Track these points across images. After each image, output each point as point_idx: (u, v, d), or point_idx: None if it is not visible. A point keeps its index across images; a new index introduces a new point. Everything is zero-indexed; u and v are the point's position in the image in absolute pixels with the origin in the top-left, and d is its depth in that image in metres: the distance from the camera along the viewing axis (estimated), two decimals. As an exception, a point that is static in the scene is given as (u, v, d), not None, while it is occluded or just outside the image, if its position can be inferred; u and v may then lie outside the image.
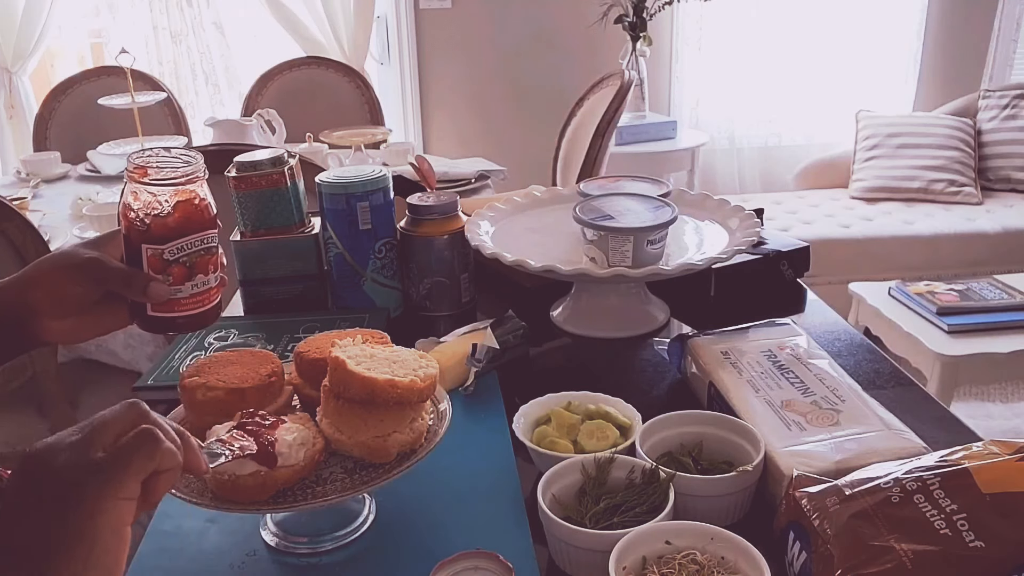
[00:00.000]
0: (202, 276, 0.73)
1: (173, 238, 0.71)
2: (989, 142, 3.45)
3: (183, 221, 0.71)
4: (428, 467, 0.73)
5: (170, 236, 0.71)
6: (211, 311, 0.76)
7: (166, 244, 0.71)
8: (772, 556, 0.62)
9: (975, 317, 2.31)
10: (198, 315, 0.75)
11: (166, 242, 0.71)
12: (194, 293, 0.73)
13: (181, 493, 0.67)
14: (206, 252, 0.73)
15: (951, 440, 0.75)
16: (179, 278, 0.72)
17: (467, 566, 0.64)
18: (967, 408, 2.67)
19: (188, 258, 0.72)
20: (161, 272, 0.72)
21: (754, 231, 1.07)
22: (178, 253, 0.71)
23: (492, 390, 0.96)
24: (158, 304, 0.72)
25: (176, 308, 0.73)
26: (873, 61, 3.78)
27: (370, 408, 0.69)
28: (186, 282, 0.72)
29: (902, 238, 3.11)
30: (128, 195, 0.71)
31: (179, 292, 0.72)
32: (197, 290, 0.73)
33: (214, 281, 0.75)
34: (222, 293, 0.78)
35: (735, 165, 3.85)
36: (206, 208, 0.73)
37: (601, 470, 0.73)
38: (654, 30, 3.48)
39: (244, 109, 3.23)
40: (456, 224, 1.15)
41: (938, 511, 0.58)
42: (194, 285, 0.73)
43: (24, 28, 3.36)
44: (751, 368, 0.87)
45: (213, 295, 0.75)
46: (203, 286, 0.74)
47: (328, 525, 0.74)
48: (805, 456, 0.72)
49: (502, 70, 3.68)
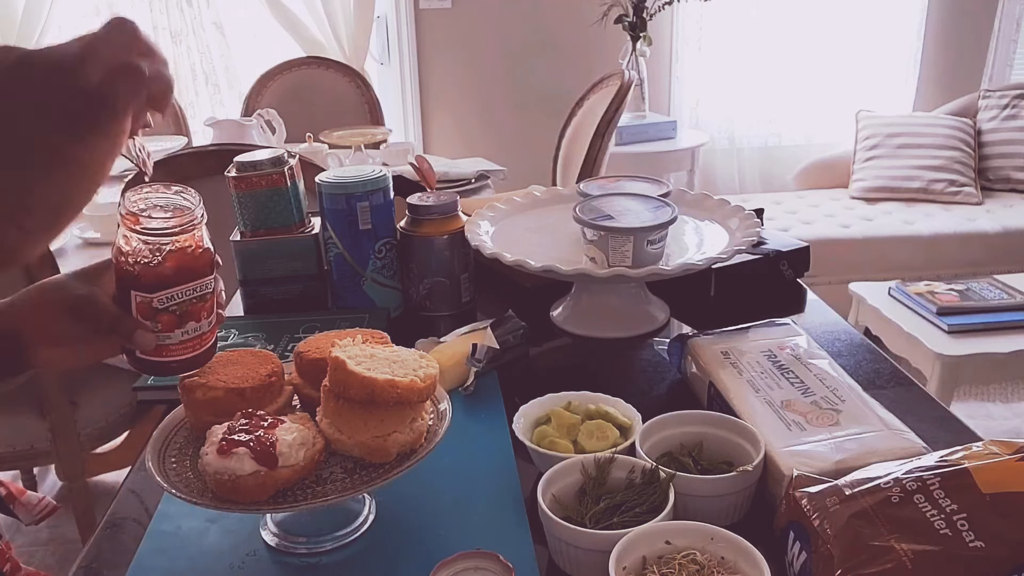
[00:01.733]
0: (193, 323, 0.71)
1: (162, 288, 0.68)
2: (989, 142, 3.45)
3: (174, 271, 0.68)
4: (428, 467, 0.73)
5: (159, 286, 0.68)
6: (203, 355, 0.73)
7: (155, 293, 0.68)
8: (772, 556, 0.62)
9: (975, 317, 2.31)
10: (188, 360, 0.72)
11: (155, 291, 0.68)
12: (184, 340, 0.71)
13: (181, 493, 0.67)
14: (199, 300, 0.70)
15: (951, 440, 0.75)
16: (168, 326, 0.70)
17: (467, 566, 0.64)
18: (967, 408, 2.67)
19: (179, 307, 0.69)
20: (150, 319, 0.69)
21: (754, 231, 1.07)
22: (168, 303, 0.69)
23: (492, 390, 0.96)
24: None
25: (165, 354, 0.71)
26: (873, 61, 3.78)
27: (370, 408, 0.69)
28: (176, 329, 0.70)
29: (902, 238, 3.11)
30: (120, 238, 0.68)
31: (168, 339, 0.70)
32: (187, 337, 0.71)
33: (207, 326, 0.72)
34: (217, 334, 0.76)
35: (735, 165, 3.85)
36: (200, 256, 0.70)
37: (601, 470, 0.73)
38: (654, 30, 3.48)
39: (244, 109, 3.23)
40: (456, 224, 1.15)
41: (938, 511, 0.58)
42: (184, 332, 0.70)
43: (24, 28, 3.36)
44: (751, 368, 0.87)
45: (206, 339, 0.73)
46: (194, 332, 0.71)
47: (328, 525, 0.74)
48: (805, 456, 0.72)
49: (502, 70, 3.68)
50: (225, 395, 0.73)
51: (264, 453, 0.65)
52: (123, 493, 0.84)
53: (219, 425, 0.69)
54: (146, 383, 0.98)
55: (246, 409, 0.71)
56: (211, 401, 0.73)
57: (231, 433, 0.67)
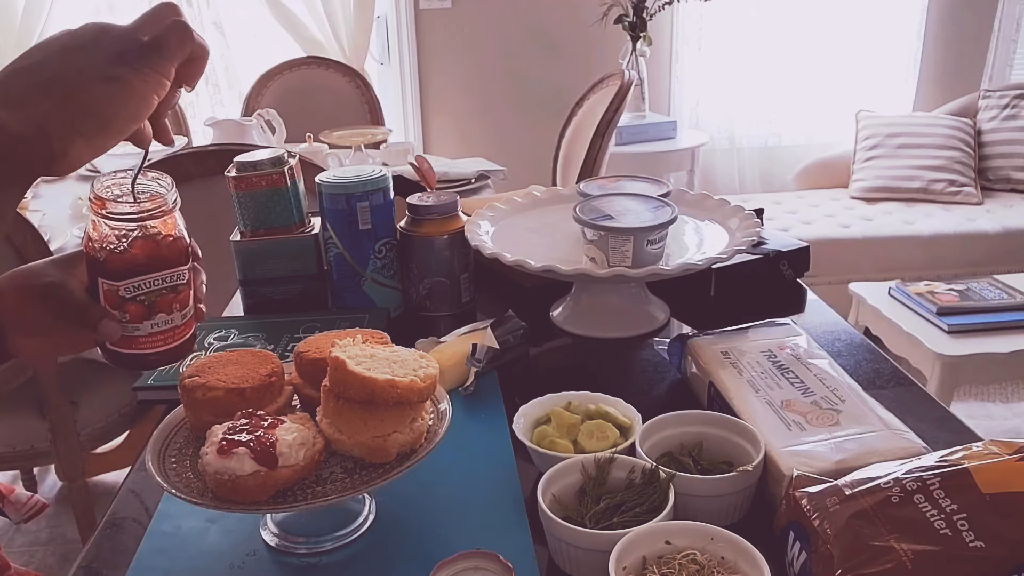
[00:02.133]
0: (164, 315, 0.68)
1: (129, 276, 0.66)
2: (989, 142, 3.45)
3: (142, 259, 0.66)
4: (428, 467, 0.73)
5: (126, 273, 0.66)
6: (176, 350, 0.71)
7: (121, 281, 0.66)
8: (772, 556, 0.62)
9: (975, 317, 2.31)
10: (159, 354, 0.70)
11: (121, 279, 0.66)
12: (153, 332, 0.68)
13: (181, 493, 0.67)
14: (169, 291, 0.68)
15: (951, 440, 0.75)
16: (136, 316, 0.67)
17: (467, 566, 0.64)
18: (967, 408, 2.67)
19: (147, 297, 0.67)
20: (117, 308, 0.67)
21: (754, 231, 1.07)
22: (135, 292, 0.67)
23: (492, 390, 0.96)
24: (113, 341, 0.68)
25: (134, 346, 0.68)
26: (873, 61, 3.78)
27: (370, 408, 0.69)
28: (144, 320, 0.68)
29: (902, 238, 3.11)
30: (90, 224, 0.67)
31: (136, 330, 0.68)
32: (157, 329, 0.68)
33: (180, 319, 0.70)
34: (194, 328, 0.73)
35: (735, 165, 3.85)
36: (171, 244, 0.68)
37: (601, 470, 0.73)
38: (654, 30, 3.48)
39: (244, 109, 3.23)
40: (456, 224, 1.15)
41: (938, 511, 0.58)
42: (154, 324, 0.68)
43: (24, 28, 3.36)
44: (751, 368, 0.87)
45: (179, 333, 0.70)
46: (165, 325, 0.69)
47: (328, 525, 0.74)
48: (805, 456, 0.72)
49: (502, 70, 3.68)
50: (225, 395, 0.73)
51: (264, 453, 0.65)
52: (123, 493, 0.84)
53: (219, 425, 0.69)
54: (146, 383, 0.98)
55: (246, 409, 0.71)
56: (211, 401, 0.73)
57: (231, 433, 0.67)
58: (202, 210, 1.78)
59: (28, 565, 2.17)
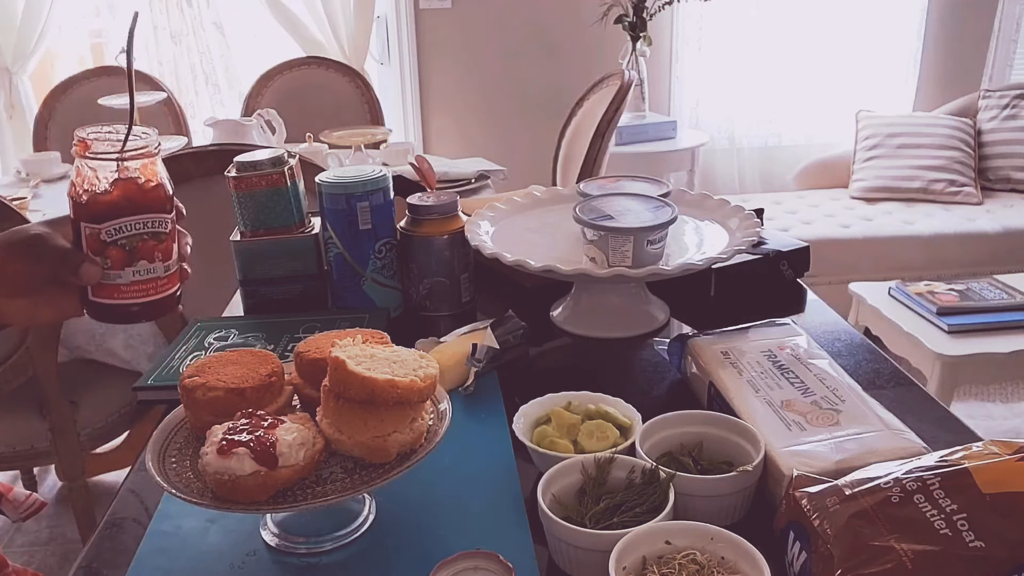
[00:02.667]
0: (145, 263, 0.69)
1: (110, 217, 0.67)
2: (989, 142, 3.45)
3: (122, 200, 0.67)
4: (428, 467, 0.73)
5: (107, 215, 0.67)
6: (160, 303, 0.71)
7: (102, 224, 0.67)
8: (772, 556, 0.62)
9: (975, 317, 2.31)
10: (144, 305, 0.70)
11: (103, 221, 0.67)
12: (136, 281, 0.69)
13: (181, 493, 0.67)
14: (151, 237, 0.69)
15: (951, 440, 0.75)
16: (118, 262, 0.68)
17: (467, 566, 0.64)
18: (967, 408, 2.67)
19: (128, 241, 0.68)
20: (99, 254, 0.68)
21: (754, 231, 1.07)
22: (116, 235, 0.68)
23: (492, 390, 0.96)
24: (98, 288, 0.69)
25: (116, 295, 0.69)
26: (873, 61, 3.78)
27: (370, 408, 0.69)
28: (126, 267, 0.68)
29: (902, 238, 3.11)
30: (73, 170, 0.69)
31: (118, 278, 0.69)
32: (139, 278, 0.69)
33: (163, 271, 0.70)
34: (178, 286, 0.74)
35: (735, 165, 3.85)
36: (154, 189, 0.69)
37: (601, 470, 0.73)
38: (654, 30, 3.48)
39: (244, 109, 3.23)
40: (456, 224, 1.15)
41: (938, 511, 0.58)
42: (136, 272, 0.69)
43: (24, 28, 3.36)
44: (751, 368, 0.87)
45: (163, 286, 0.71)
46: (147, 274, 0.69)
47: (328, 525, 0.74)
48: (805, 456, 0.72)
49: (502, 70, 3.68)
50: (225, 395, 0.73)
51: (264, 453, 0.65)
52: (123, 493, 0.84)
53: (219, 425, 0.69)
54: (146, 383, 0.98)
55: (246, 409, 0.71)
56: (211, 401, 0.73)
57: (231, 433, 0.67)
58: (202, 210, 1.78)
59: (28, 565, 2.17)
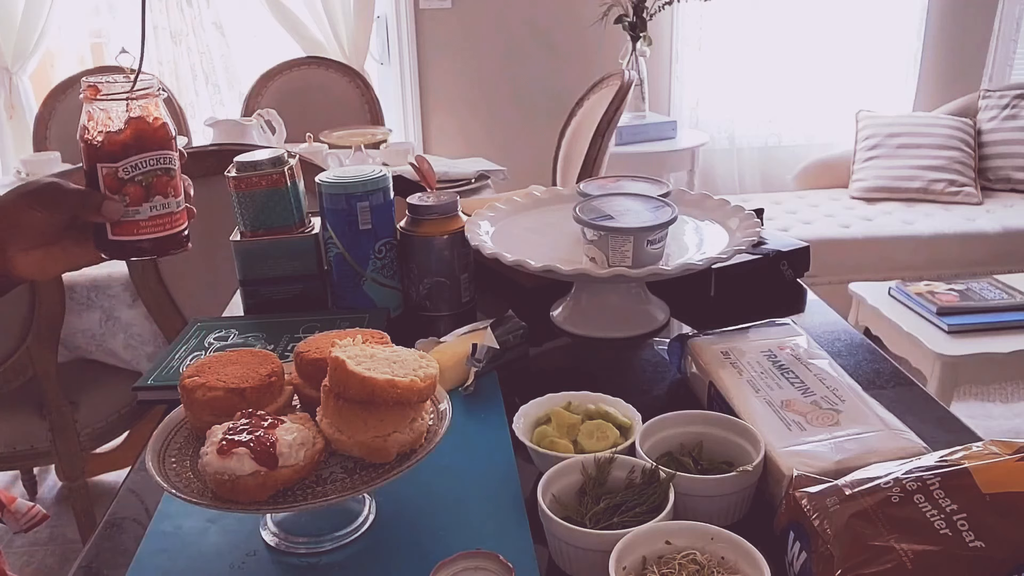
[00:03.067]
0: (160, 198, 0.73)
1: (127, 155, 0.71)
2: (989, 142, 3.45)
3: (136, 138, 0.71)
4: (428, 467, 0.73)
5: (124, 153, 0.71)
6: (175, 237, 0.75)
7: (120, 162, 0.71)
8: (772, 556, 0.62)
9: (975, 317, 2.31)
10: (161, 239, 0.74)
11: (120, 160, 0.71)
12: (153, 215, 0.73)
13: (181, 493, 0.67)
14: (164, 172, 0.73)
15: (951, 440, 0.75)
16: (136, 198, 0.72)
17: (467, 566, 0.64)
18: (967, 408, 2.67)
19: (144, 177, 0.71)
20: (117, 192, 0.71)
21: (754, 231, 1.07)
22: (133, 171, 0.71)
23: (492, 390, 0.96)
24: (117, 226, 0.72)
25: (136, 231, 0.73)
26: (873, 61, 3.78)
27: (370, 408, 0.69)
28: (143, 203, 0.72)
29: (902, 238, 3.11)
30: (84, 116, 0.72)
31: (137, 213, 0.72)
32: (156, 212, 0.73)
33: (176, 206, 0.74)
34: (187, 223, 0.77)
35: (735, 165, 3.85)
36: (161, 127, 0.73)
37: (601, 470, 0.73)
38: (654, 30, 3.48)
39: (244, 109, 3.23)
40: (456, 224, 1.15)
41: (938, 511, 0.58)
42: (152, 207, 0.72)
43: (24, 28, 3.36)
44: (751, 368, 0.87)
45: (177, 220, 0.75)
46: (163, 209, 0.73)
47: (328, 525, 0.74)
48: (805, 456, 0.72)
49: (502, 70, 3.68)
50: (225, 395, 0.73)
51: (264, 453, 0.65)
52: (123, 493, 0.84)
53: (219, 425, 0.69)
54: (146, 383, 0.98)
55: (246, 409, 0.71)
56: (211, 401, 0.73)
57: (231, 433, 0.67)
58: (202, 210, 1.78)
59: (28, 565, 2.17)
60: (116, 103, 0.71)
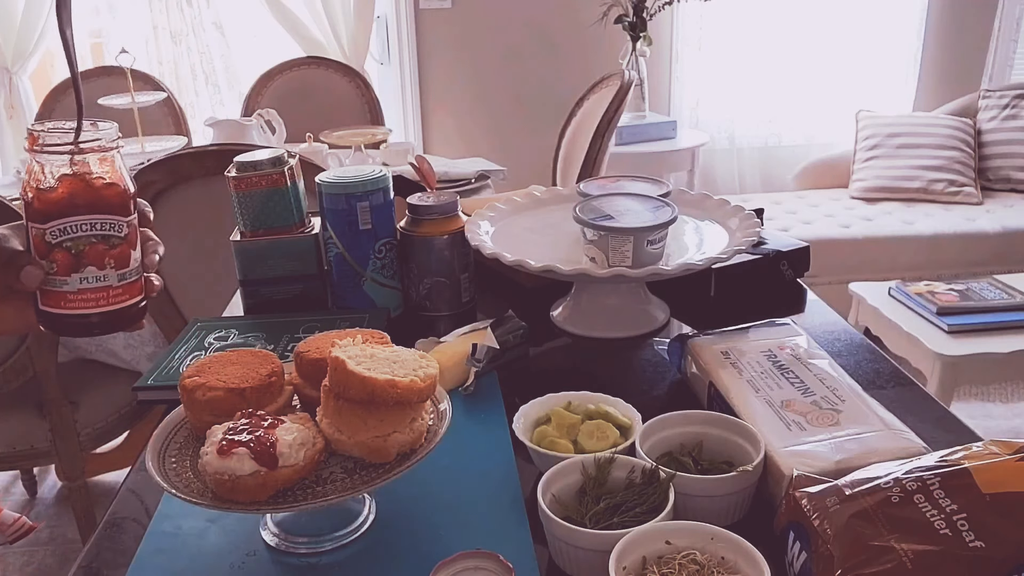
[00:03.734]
0: (94, 269, 0.63)
1: (55, 217, 0.62)
2: (989, 142, 3.45)
3: (70, 198, 0.62)
4: (428, 467, 0.73)
5: (52, 214, 0.62)
6: (111, 316, 0.65)
7: (47, 223, 0.62)
8: (772, 556, 0.62)
9: (975, 317, 2.31)
10: (90, 317, 0.64)
11: (47, 221, 0.62)
12: (84, 289, 0.63)
13: (181, 493, 0.67)
14: (100, 240, 0.63)
15: (951, 440, 0.75)
16: (64, 267, 0.63)
17: (467, 566, 0.64)
18: (967, 408, 2.67)
19: (73, 243, 0.62)
20: (45, 256, 0.63)
21: (754, 231, 1.07)
22: (60, 236, 0.62)
23: (492, 390, 0.96)
24: (45, 296, 0.64)
25: (63, 304, 0.63)
26: (873, 61, 3.78)
27: (370, 408, 0.69)
28: (72, 273, 0.63)
29: (902, 238, 3.11)
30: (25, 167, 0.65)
31: (65, 284, 0.63)
32: (88, 285, 0.63)
33: (115, 279, 0.64)
34: (140, 299, 0.68)
35: (735, 165, 3.85)
36: (105, 188, 0.63)
37: (601, 470, 0.73)
38: (654, 30, 3.48)
39: (244, 109, 3.24)
40: (456, 224, 1.15)
41: (938, 511, 0.58)
42: (83, 279, 0.63)
43: (24, 28, 3.36)
44: (751, 368, 0.87)
45: (115, 296, 0.65)
46: (96, 282, 0.63)
47: (328, 525, 0.74)
48: (805, 456, 0.72)
49: (502, 70, 3.68)
50: (225, 395, 0.73)
51: (264, 453, 0.65)
52: (123, 493, 0.84)
53: (219, 425, 0.69)
54: (146, 383, 0.98)
55: (246, 409, 0.71)
56: (211, 401, 0.73)
57: (231, 433, 0.67)
58: (202, 210, 1.79)
59: (28, 565, 2.17)
60: (54, 156, 0.62)
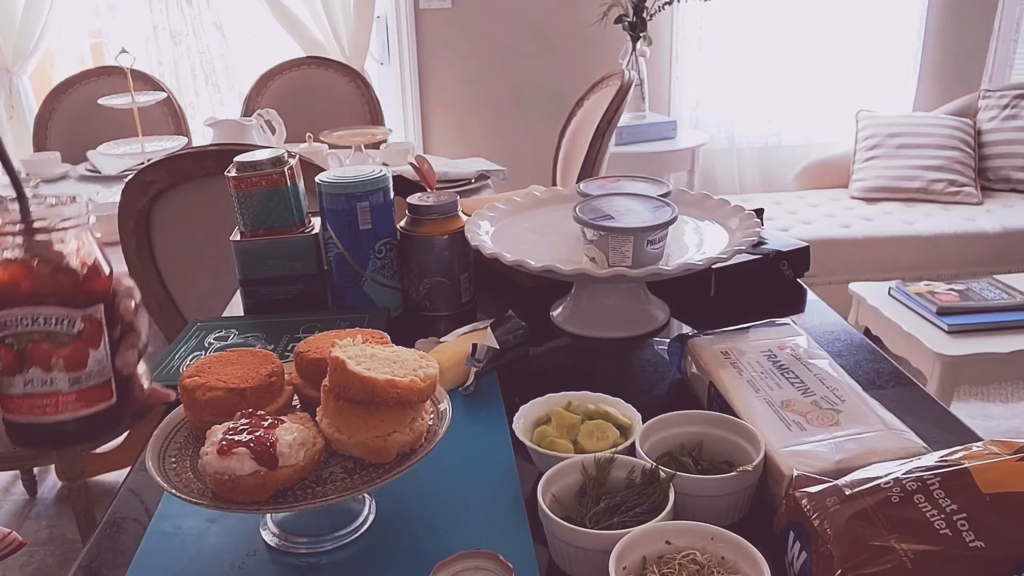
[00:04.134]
0: (39, 371, 0.55)
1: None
2: (989, 142, 3.45)
3: (10, 286, 0.53)
4: (428, 467, 0.73)
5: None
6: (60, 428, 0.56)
7: None
8: (772, 556, 0.62)
9: (975, 317, 2.31)
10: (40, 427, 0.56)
11: None
12: (29, 393, 0.55)
13: (181, 493, 0.67)
14: (44, 337, 0.54)
15: (951, 440, 0.75)
16: (8, 366, 0.54)
17: (467, 566, 0.64)
18: (967, 408, 2.67)
19: (14, 339, 0.54)
20: None
21: (754, 231, 1.07)
22: (1, 330, 0.54)
23: (492, 390, 0.96)
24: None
25: (10, 408, 0.56)
26: (873, 61, 3.78)
27: (370, 408, 0.69)
28: (16, 374, 0.55)
29: (902, 238, 3.11)
30: None
31: (10, 386, 0.55)
32: (33, 390, 0.55)
33: (65, 385, 0.55)
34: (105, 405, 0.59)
35: (735, 165, 3.85)
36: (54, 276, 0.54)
37: (601, 470, 0.73)
38: (654, 30, 3.48)
39: (244, 109, 3.24)
40: (456, 224, 1.15)
41: (938, 511, 0.58)
42: (27, 381, 0.55)
43: (24, 28, 3.36)
44: (751, 368, 0.87)
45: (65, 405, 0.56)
46: (41, 386, 0.55)
47: (328, 525, 0.74)
48: (805, 456, 0.72)
49: (502, 70, 3.68)
50: (225, 395, 0.73)
51: (264, 453, 0.65)
52: (123, 493, 0.84)
53: (219, 425, 0.69)
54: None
55: (246, 409, 0.71)
56: (211, 401, 0.73)
57: (231, 433, 0.67)
58: (202, 210, 1.78)
59: (28, 565, 2.17)
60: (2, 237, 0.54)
